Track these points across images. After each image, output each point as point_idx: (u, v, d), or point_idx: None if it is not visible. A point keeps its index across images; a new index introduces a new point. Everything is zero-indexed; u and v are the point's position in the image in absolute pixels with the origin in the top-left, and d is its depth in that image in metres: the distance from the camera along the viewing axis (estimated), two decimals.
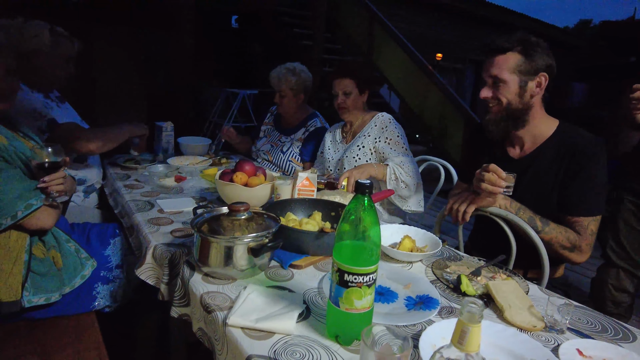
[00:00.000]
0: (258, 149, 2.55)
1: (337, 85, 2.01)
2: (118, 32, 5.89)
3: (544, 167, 1.41)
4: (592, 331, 0.97)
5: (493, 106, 1.44)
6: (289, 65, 2.39)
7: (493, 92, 1.42)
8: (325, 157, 2.19)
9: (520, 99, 1.40)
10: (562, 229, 1.35)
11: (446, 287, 1.11)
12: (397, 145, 1.94)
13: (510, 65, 1.38)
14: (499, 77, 1.39)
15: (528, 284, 1.14)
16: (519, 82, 1.39)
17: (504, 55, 1.39)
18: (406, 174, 1.85)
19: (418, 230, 1.37)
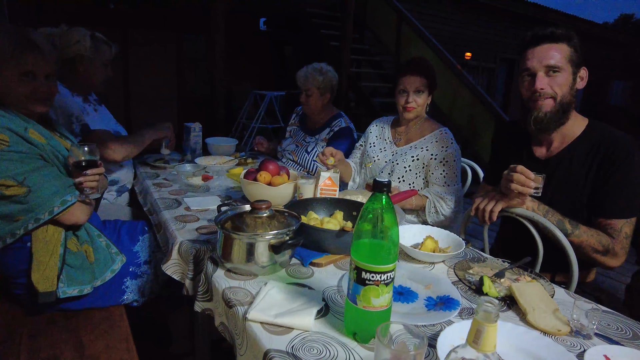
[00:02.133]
0: (283, 149, 2.58)
1: (407, 83, 1.84)
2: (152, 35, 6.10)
3: (573, 167, 1.36)
4: (622, 337, 0.93)
5: (546, 98, 1.36)
6: (316, 65, 2.40)
7: (548, 84, 1.35)
8: (368, 152, 2.07)
9: (571, 91, 1.35)
10: (593, 232, 1.30)
11: (468, 288, 1.09)
12: (450, 171, 1.84)
13: (565, 55, 1.33)
14: (556, 65, 1.33)
15: (554, 287, 1.11)
16: (571, 74, 1.34)
17: (558, 44, 1.33)
18: (447, 207, 1.81)
19: (441, 231, 1.36)
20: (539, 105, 1.36)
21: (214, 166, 2.22)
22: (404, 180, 1.90)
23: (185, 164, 2.22)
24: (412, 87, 1.85)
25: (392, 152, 1.98)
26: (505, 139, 1.59)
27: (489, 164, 1.71)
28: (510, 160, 1.40)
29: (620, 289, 3.12)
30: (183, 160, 2.36)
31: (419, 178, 1.89)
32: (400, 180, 1.91)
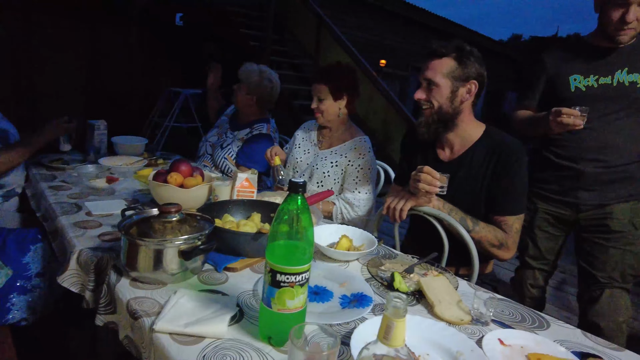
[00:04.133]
0: (207, 138, 2.47)
1: (313, 90, 1.95)
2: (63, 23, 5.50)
3: (473, 169, 1.48)
4: (512, 321, 1.03)
5: (426, 108, 1.50)
6: (263, 67, 2.35)
7: (427, 95, 1.48)
8: (293, 153, 2.09)
9: (450, 103, 1.47)
10: (490, 227, 1.43)
11: (380, 284, 1.13)
12: (364, 178, 1.89)
13: (444, 70, 1.45)
14: (433, 80, 1.46)
15: (458, 280, 1.19)
16: (451, 87, 1.45)
17: (440, 60, 1.45)
18: (354, 212, 1.86)
19: (355, 230, 1.40)
20: (421, 113, 1.52)
21: (120, 167, 2.06)
22: (323, 185, 1.93)
23: (88, 164, 2.04)
24: (316, 94, 1.93)
25: (315, 155, 2.02)
26: (414, 141, 1.68)
27: (399, 166, 1.80)
28: (417, 162, 1.49)
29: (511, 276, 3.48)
30: (85, 160, 2.16)
31: (337, 184, 1.93)
32: (319, 185, 1.93)
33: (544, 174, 1.84)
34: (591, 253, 1.77)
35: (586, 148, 1.70)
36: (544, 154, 1.83)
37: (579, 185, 1.75)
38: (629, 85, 1.64)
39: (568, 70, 1.71)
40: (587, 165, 1.71)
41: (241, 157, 2.26)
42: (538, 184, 1.85)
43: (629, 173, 1.70)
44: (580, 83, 1.69)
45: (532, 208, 1.87)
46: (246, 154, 2.26)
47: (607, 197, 1.73)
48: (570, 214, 1.80)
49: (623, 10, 1.54)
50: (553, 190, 1.82)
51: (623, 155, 1.69)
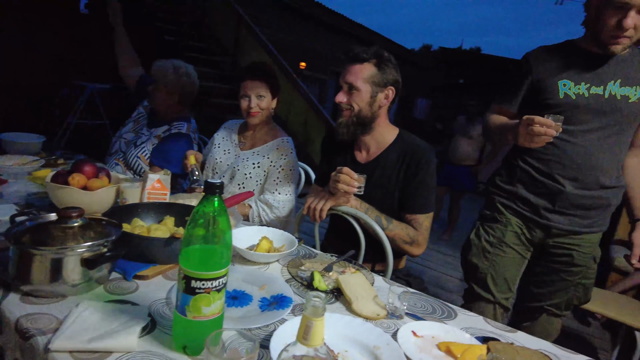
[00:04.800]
0: (121, 134, 2.26)
1: (248, 88, 1.83)
2: None
3: (387, 170, 1.56)
4: (424, 313, 1.09)
5: (345, 110, 1.53)
6: (177, 62, 2.18)
7: (347, 98, 1.52)
8: (212, 153, 1.99)
9: (370, 107, 1.52)
10: (403, 225, 1.51)
11: (300, 284, 1.14)
12: (285, 179, 1.86)
13: (365, 75, 1.49)
14: (354, 84, 1.49)
15: (374, 276, 1.24)
16: (371, 92, 1.51)
17: (361, 65, 1.50)
18: (273, 214, 1.82)
19: (276, 231, 1.39)
20: (340, 115, 1.55)
21: (10, 168, 1.83)
22: (244, 187, 1.88)
23: None
24: (254, 92, 1.84)
25: (236, 155, 1.95)
26: (333, 143, 1.72)
27: (319, 167, 1.83)
28: (336, 163, 1.53)
29: (424, 272, 3.72)
30: None
31: (258, 185, 1.89)
32: (241, 186, 1.88)
33: (518, 188, 1.61)
34: (544, 280, 1.66)
35: (570, 165, 1.49)
36: (522, 165, 1.59)
37: (555, 207, 1.54)
38: (620, 98, 1.45)
39: (557, 74, 1.51)
40: (568, 184, 1.50)
41: (156, 156, 2.11)
42: (511, 198, 1.64)
43: (606, 200, 1.54)
44: (570, 90, 1.48)
45: (503, 222, 1.64)
46: (161, 153, 2.11)
47: (580, 224, 1.56)
48: (540, 236, 1.61)
49: (621, 14, 1.33)
50: (527, 209, 1.60)
51: (605, 178, 1.50)
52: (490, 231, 1.67)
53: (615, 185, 1.53)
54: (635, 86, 1.46)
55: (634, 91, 1.46)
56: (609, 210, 1.58)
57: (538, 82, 1.54)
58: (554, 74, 1.51)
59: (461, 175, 4.77)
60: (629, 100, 1.46)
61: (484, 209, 1.73)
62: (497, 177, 1.70)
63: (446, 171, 4.88)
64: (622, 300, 2.41)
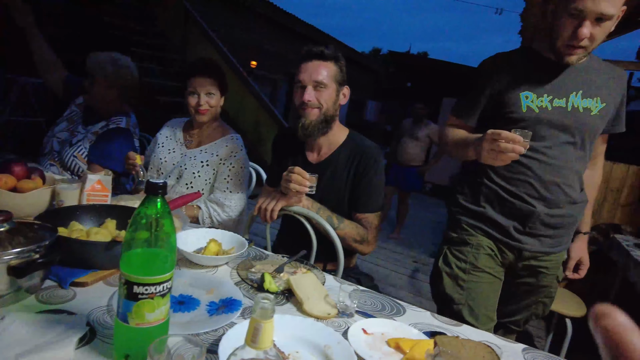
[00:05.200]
0: (54, 133, 2.10)
1: (197, 84, 1.77)
2: None
3: (338, 170, 1.57)
4: (374, 310, 1.11)
5: (313, 109, 1.51)
6: (115, 54, 2.06)
7: (316, 96, 1.51)
8: (157, 154, 1.90)
9: (334, 105, 1.54)
10: (354, 225, 1.53)
11: (251, 287, 1.12)
12: (236, 177, 1.82)
13: (331, 73, 1.50)
14: (323, 82, 1.49)
15: (325, 275, 1.24)
16: (335, 90, 1.52)
17: (326, 63, 1.50)
18: (224, 213, 1.78)
19: (225, 233, 1.35)
20: (306, 114, 1.52)
21: None
22: (192, 186, 1.82)
23: None
24: (203, 89, 1.79)
25: (182, 154, 1.88)
26: (284, 144, 1.71)
27: (270, 167, 1.81)
28: (288, 163, 1.52)
29: (374, 270, 3.80)
30: None
31: (208, 184, 1.84)
32: (189, 186, 1.82)
33: (485, 208, 1.48)
34: (507, 299, 1.57)
35: (538, 183, 1.40)
36: (488, 184, 1.47)
37: (526, 229, 1.44)
38: (583, 111, 1.37)
39: (518, 86, 1.39)
40: (538, 204, 1.41)
41: (94, 154, 1.98)
42: (478, 219, 1.50)
43: (574, 217, 1.47)
44: (532, 103, 1.37)
45: (474, 244, 1.49)
46: (100, 150, 1.99)
47: (551, 244, 1.47)
48: (511, 259, 1.50)
49: (576, 23, 1.24)
50: (498, 231, 1.47)
51: (572, 195, 1.43)
52: (460, 256, 1.50)
53: (581, 200, 1.48)
54: (596, 97, 1.38)
55: (595, 103, 1.38)
56: (574, 227, 1.52)
57: (498, 95, 1.42)
58: (514, 85, 1.40)
59: (408, 176, 4.92)
60: (591, 113, 1.38)
61: (449, 231, 1.57)
62: (460, 196, 1.56)
63: (394, 172, 5.01)
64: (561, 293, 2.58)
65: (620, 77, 1.44)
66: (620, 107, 1.45)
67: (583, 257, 1.63)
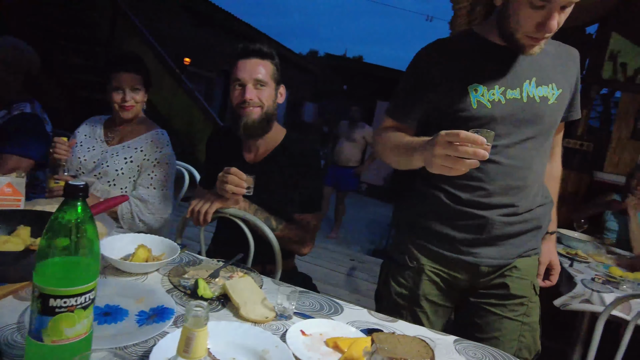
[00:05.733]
0: None
1: (122, 80, 1.68)
2: None
3: (275, 171, 1.55)
4: (312, 311, 1.11)
5: (255, 107, 1.48)
6: (13, 39, 1.90)
7: (257, 95, 1.47)
8: (75, 153, 1.77)
9: (274, 104, 1.52)
10: (292, 226, 1.52)
11: (184, 294, 1.07)
12: (161, 174, 1.73)
13: (270, 71, 1.49)
14: (263, 80, 1.46)
15: (262, 278, 1.22)
16: (274, 90, 1.51)
17: (264, 61, 1.48)
18: (148, 212, 1.69)
19: (155, 238, 1.28)
20: (247, 113, 1.48)
21: None
22: (115, 184, 1.71)
23: None
24: (128, 85, 1.71)
25: (102, 151, 1.76)
26: (219, 143, 1.67)
27: (205, 168, 1.75)
28: (224, 163, 1.47)
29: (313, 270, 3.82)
30: None
31: (132, 182, 1.74)
32: (111, 184, 1.71)
33: (431, 222, 1.27)
34: (481, 326, 1.29)
35: (494, 189, 1.20)
36: (434, 193, 1.26)
37: (481, 240, 1.24)
38: (540, 101, 1.19)
39: (463, 77, 1.18)
40: (495, 212, 1.21)
41: (6, 144, 1.80)
42: (423, 235, 1.30)
43: (537, 221, 1.28)
44: (483, 97, 1.17)
45: (415, 268, 1.30)
46: (13, 139, 1.81)
47: (511, 254, 1.27)
48: (466, 278, 1.29)
49: (543, 13, 1.04)
50: (447, 247, 1.26)
51: (532, 197, 1.25)
52: (401, 281, 1.31)
53: (543, 203, 1.30)
54: (551, 84, 1.21)
55: (552, 90, 1.21)
56: (541, 232, 1.32)
57: (441, 89, 1.20)
58: (459, 76, 1.18)
59: (345, 176, 5.03)
60: (548, 103, 1.20)
61: (392, 251, 1.39)
62: (403, 210, 1.36)
63: (332, 172, 5.09)
64: None
65: (574, 57, 1.29)
66: (576, 91, 1.29)
67: (553, 260, 1.45)
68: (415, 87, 1.25)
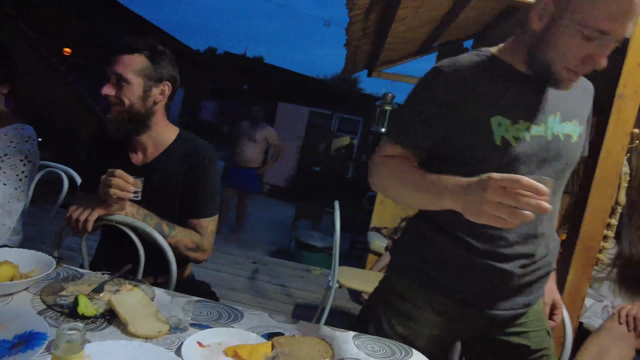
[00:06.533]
0: None
1: None
2: None
3: (167, 172, 1.46)
4: (210, 320, 1.06)
5: (114, 105, 1.37)
6: None
7: (116, 91, 1.36)
8: None
9: (143, 103, 1.40)
10: (187, 231, 1.43)
11: (60, 314, 0.94)
12: (12, 171, 1.51)
13: (136, 67, 1.36)
14: (124, 76, 1.35)
15: (154, 290, 1.13)
16: (144, 86, 1.39)
17: (131, 56, 1.37)
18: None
19: (23, 252, 1.12)
20: (110, 110, 1.39)
21: None
22: None
23: None
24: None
25: None
26: (103, 143, 1.52)
27: (85, 171, 1.59)
28: (107, 165, 1.34)
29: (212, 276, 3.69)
30: None
31: None
32: None
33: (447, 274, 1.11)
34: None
35: (516, 239, 1.07)
36: (446, 241, 1.10)
37: (494, 294, 1.12)
38: (564, 139, 1.07)
39: (487, 108, 1.02)
40: (515, 264, 1.08)
41: None
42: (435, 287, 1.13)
43: (550, 266, 1.18)
44: (507, 132, 1.01)
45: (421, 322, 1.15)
46: None
47: (524, 302, 1.15)
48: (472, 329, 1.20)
49: (593, 46, 0.92)
50: (456, 300, 1.12)
51: (550, 245, 1.14)
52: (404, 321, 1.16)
53: (557, 244, 1.20)
54: (574, 120, 1.10)
55: (574, 127, 1.10)
56: (550, 274, 1.21)
57: (459, 117, 1.02)
58: (481, 106, 1.02)
59: (247, 177, 4.95)
60: (571, 141, 1.09)
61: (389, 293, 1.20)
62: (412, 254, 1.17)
63: (233, 173, 4.98)
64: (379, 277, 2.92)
65: (590, 92, 1.17)
66: (587, 127, 1.19)
67: (556, 299, 1.35)
68: (431, 111, 1.04)
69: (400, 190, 1.04)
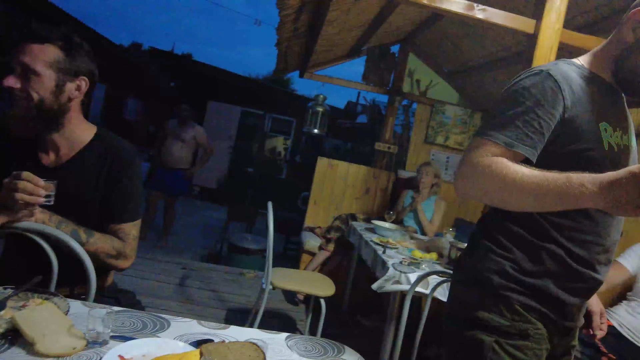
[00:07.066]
0: None
1: None
2: None
3: (84, 175, 1.34)
4: (134, 331, 0.99)
5: (21, 100, 1.23)
6: None
7: (22, 84, 1.22)
8: None
9: (55, 98, 1.27)
10: (107, 237, 1.33)
11: None
12: None
13: (48, 59, 1.23)
14: (32, 67, 1.22)
15: (69, 303, 1.04)
16: (57, 80, 1.26)
17: (42, 46, 1.23)
18: None
19: None
20: (13, 104, 1.25)
21: None
22: None
23: None
24: None
25: None
26: (6, 143, 1.36)
27: None
28: (12, 167, 1.20)
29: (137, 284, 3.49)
30: None
31: None
32: None
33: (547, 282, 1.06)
34: None
35: (606, 244, 1.08)
36: (552, 248, 1.06)
37: (583, 304, 1.13)
38: (636, 151, 1.15)
39: (595, 114, 1.04)
40: (602, 272, 1.10)
41: None
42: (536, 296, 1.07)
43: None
44: (611, 138, 1.05)
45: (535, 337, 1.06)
46: None
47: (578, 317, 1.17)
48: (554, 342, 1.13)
49: None
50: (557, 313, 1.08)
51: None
52: (519, 355, 1.05)
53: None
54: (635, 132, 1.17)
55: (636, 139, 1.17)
56: None
57: (571, 122, 1.02)
58: (591, 113, 1.04)
59: (175, 179, 4.74)
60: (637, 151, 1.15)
61: (492, 314, 1.07)
62: (507, 263, 1.08)
63: (159, 175, 4.74)
64: (312, 276, 2.94)
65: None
66: None
67: (602, 307, 1.33)
68: (547, 112, 1.01)
69: (512, 192, 0.94)
